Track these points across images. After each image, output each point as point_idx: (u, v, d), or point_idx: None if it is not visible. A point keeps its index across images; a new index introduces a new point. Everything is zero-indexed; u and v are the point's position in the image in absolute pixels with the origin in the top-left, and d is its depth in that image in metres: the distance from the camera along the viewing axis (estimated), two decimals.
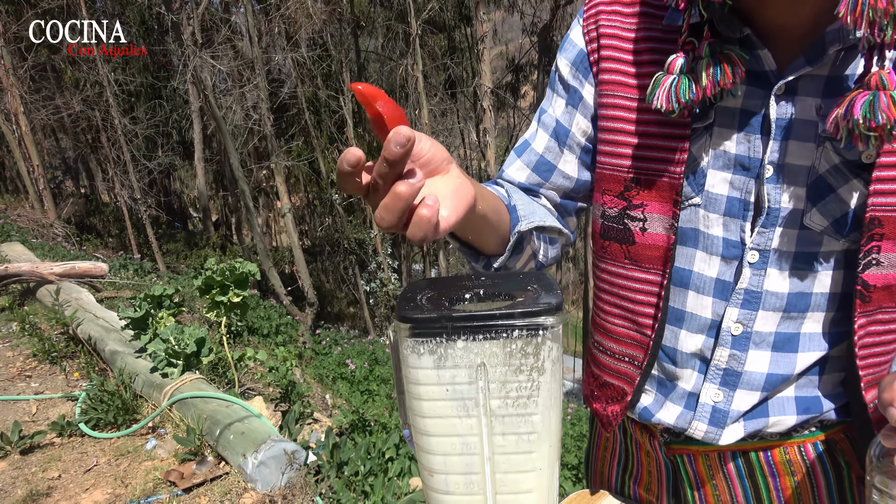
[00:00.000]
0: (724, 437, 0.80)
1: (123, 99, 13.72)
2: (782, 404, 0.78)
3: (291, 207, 12.41)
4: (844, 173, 0.68)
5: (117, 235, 15.39)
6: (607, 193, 0.82)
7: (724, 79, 0.67)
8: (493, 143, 12.16)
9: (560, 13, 11.96)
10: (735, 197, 0.74)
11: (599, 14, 0.81)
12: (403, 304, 0.50)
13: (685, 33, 0.70)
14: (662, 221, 0.77)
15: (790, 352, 0.76)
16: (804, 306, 0.74)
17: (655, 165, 0.77)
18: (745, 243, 0.74)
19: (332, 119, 15.13)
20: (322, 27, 13.17)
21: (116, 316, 4.40)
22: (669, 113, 0.71)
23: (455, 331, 0.46)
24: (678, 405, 0.83)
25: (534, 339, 0.46)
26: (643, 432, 0.92)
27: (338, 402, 6.61)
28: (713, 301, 0.78)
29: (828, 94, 0.68)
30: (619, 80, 0.79)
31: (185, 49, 10.60)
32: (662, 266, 0.79)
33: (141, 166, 13.81)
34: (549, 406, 0.48)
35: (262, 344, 6.89)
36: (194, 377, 3.30)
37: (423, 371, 0.48)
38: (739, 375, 0.78)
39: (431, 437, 0.49)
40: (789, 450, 0.81)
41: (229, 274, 3.59)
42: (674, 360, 0.82)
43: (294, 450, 2.65)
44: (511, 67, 16.08)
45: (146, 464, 2.88)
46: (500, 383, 0.47)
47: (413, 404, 0.49)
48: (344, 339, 10.71)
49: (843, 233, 0.70)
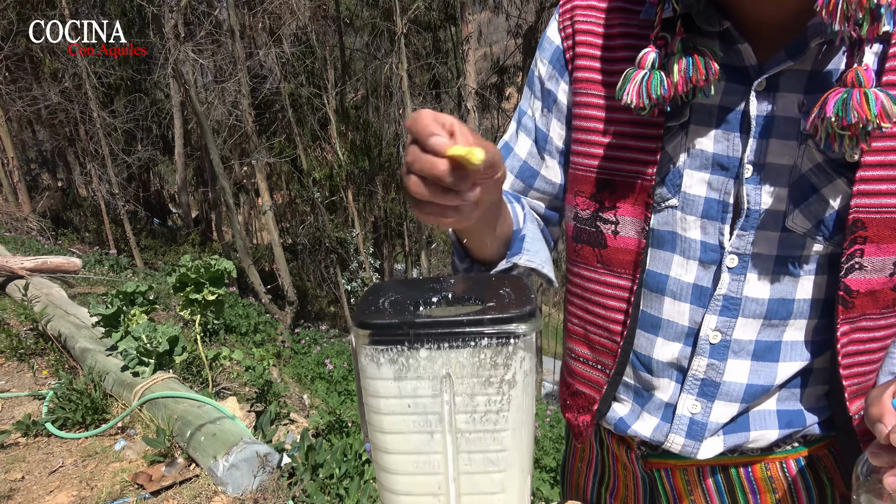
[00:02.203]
0: (702, 451, 0.76)
1: (103, 92, 13.49)
2: (764, 418, 0.75)
3: (272, 205, 12.28)
4: (828, 172, 0.65)
5: (95, 230, 15.12)
6: (580, 195, 0.79)
7: (697, 74, 0.64)
8: None
9: (545, 15, 11.97)
10: (713, 198, 0.71)
11: (575, 9, 0.78)
12: (363, 309, 0.46)
13: (657, 27, 0.67)
14: (634, 224, 0.74)
15: (771, 361, 0.73)
16: (786, 313, 0.71)
17: (628, 166, 0.73)
18: (724, 247, 0.71)
19: (316, 116, 15.01)
20: (307, 24, 13.06)
21: (88, 312, 4.30)
22: (639, 110, 0.68)
23: (418, 338, 0.42)
24: (655, 416, 0.79)
25: (504, 349, 0.42)
26: (620, 444, 0.88)
27: (316, 403, 6.53)
28: (690, 308, 0.74)
29: (810, 90, 0.65)
30: (593, 77, 0.75)
31: (166, 42, 10.43)
32: (633, 271, 0.76)
33: (120, 160, 13.58)
34: (520, 422, 0.44)
35: (240, 343, 6.79)
36: (166, 376, 3.22)
37: (383, 382, 0.43)
38: (718, 386, 0.74)
39: (391, 454, 0.45)
40: (771, 465, 0.77)
41: (204, 271, 3.51)
42: (649, 368, 0.78)
43: (267, 452, 2.59)
44: (496, 69, 16.08)
45: (114, 465, 2.80)
46: (468, 396, 0.43)
47: (372, 418, 0.45)
48: (324, 338, 10.61)
49: (826, 235, 0.67)
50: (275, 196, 16.70)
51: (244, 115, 10.88)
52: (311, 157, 14.78)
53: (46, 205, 14.57)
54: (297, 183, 15.71)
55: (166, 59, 10.50)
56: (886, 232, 0.64)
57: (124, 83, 14.72)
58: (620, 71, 0.72)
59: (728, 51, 0.68)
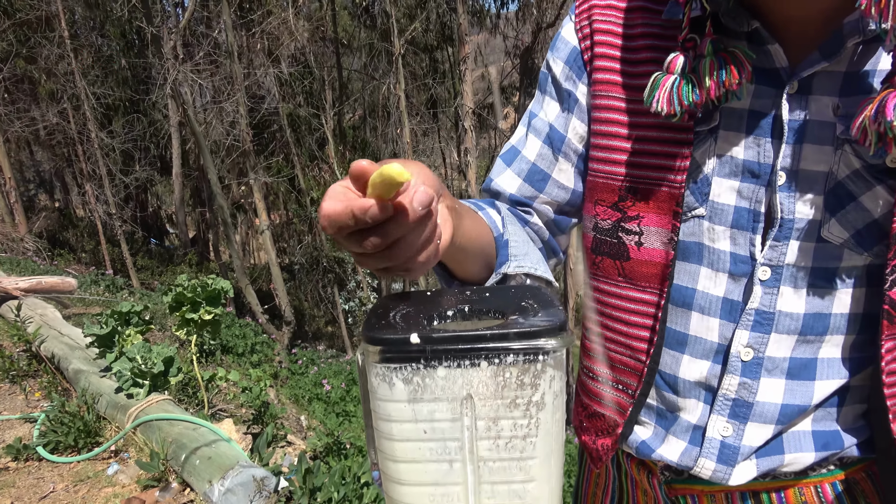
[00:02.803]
0: (734, 477, 0.71)
1: (101, 112, 13.51)
2: (798, 440, 0.70)
3: (270, 224, 12.25)
4: (867, 179, 0.61)
5: (91, 251, 15.06)
6: (600, 204, 0.74)
7: (730, 79, 0.61)
8: (474, 163, 12.14)
9: (542, 36, 12.06)
10: (743, 207, 0.67)
11: (593, 9, 0.74)
12: (373, 323, 0.41)
13: (686, 29, 0.63)
14: (661, 235, 0.70)
15: (807, 380, 0.68)
16: (822, 329, 0.66)
17: (653, 173, 0.69)
18: (756, 258, 0.67)
19: (314, 137, 15.05)
20: (305, 45, 13.15)
21: (82, 333, 4.24)
22: (670, 117, 0.64)
23: (435, 355, 0.38)
24: (682, 440, 0.74)
25: (532, 367, 0.38)
26: (640, 469, 0.83)
27: (313, 424, 6.43)
28: (720, 323, 0.70)
29: (846, 93, 0.61)
30: (614, 79, 0.72)
31: (165, 63, 10.47)
32: (660, 285, 0.71)
33: (117, 181, 13.57)
34: (549, 450, 0.39)
35: (237, 363, 6.71)
36: (161, 398, 3.15)
37: (396, 405, 0.39)
38: (751, 406, 0.70)
39: (405, 486, 0.40)
40: (805, 490, 0.72)
41: (201, 290, 3.46)
42: (675, 388, 0.74)
43: (263, 476, 2.51)
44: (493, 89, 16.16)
45: (106, 490, 2.72)
46: (491, 421, 0.38)
47: (383, 445, 0.40)
48: (321, 358, 10.51)
49: (865, 246, 0.63)
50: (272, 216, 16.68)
51: (242, 135, 10.89)
52: (308, 176, 14.79)
53: (43, 225, 14.53)
54: (294, 202, 15.70)
55: (165, 80, 10.53)
56: None
57: (122, 104, 14.76)
58: (643, 73, 0.68)
59: (757, 52, 0.64)
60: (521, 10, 13.46)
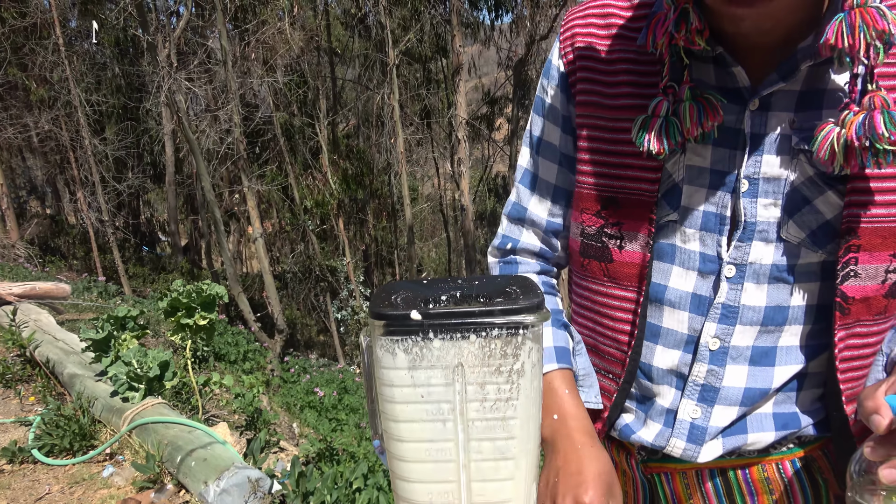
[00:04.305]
0: (702, 455, 0.78)
1: (94, 119, 13.53)
2: (760, 420, 0.77)
3: (263, 233, 12.27)
4: (819, 185, 0.69)
5: (83, 258, 15.02)
6: (585, 212, 0.82)
7: (707, 122, 0.69)
8: (467, 173, 12.23)
9: (535, 48, 12.20)
10: (711, 212, 0.74)
11: (575, 36, 0.82)
12: (378, 302, 0.48)
13: (666, 77, 0.71)
14: (638, 239, 0.77)
15: (767, 366, 0.75)
16: (781, 320, 0.74)
17: (630, 184, 0.77)
18: (722, 258, 0.74)
19: (307, 146, 15.11)
20: (299, 54, 13.23)
21: (77, 338, 4.26)
22: (659, 156, 0.71)
23: (432, 328, 0.44)
24: (657, 423, 0.81)
25: (514, 339, 0.44)
26: (620, 451, 0.90)
27: (305, 431, 6.45)
28: (689, 316, 0.77)
29: (801, 109, 0.69)
30: (596, 100, 0.79)
31: (159, 71, 10.52)
32: (639, 283, 0.78)
33: (110, 188, 13.56)
34: (528, 410, 0.46)
35: (229, 370, 6.73)
36: (156, 402, 3.19)
37: (397, 372, 0.45)
38: (717, 391, 0.76)
39: (405, 442, 0.47)
40: (767, 467, 0.79)
41: (196, 296, 3.50)
42: (650, 376, 0.81)
43: (258, 477, 2.56)
44: (486, 100, 16.30)
45: (102, 492, 2.75)
46: (478, 385, 0.45)
47: (386, 408, 0.47)
48: (313, 367, 10.52)
49: (820, 244, 0.70)
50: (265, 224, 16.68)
51: (236, 144, 10.93)
52: (302, 185, 14.83)
53: (34, 232, 14.48)
54: (287, 211, 15.73)
55: (159, 88, 10.57)
56: (878, 240, 0.67)
57: (116, 111, 14.77)
58: (622, 94, 0.76)
59: (723, 73, 0.72)
60: (515, 22, 13.61)
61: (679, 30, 0.67)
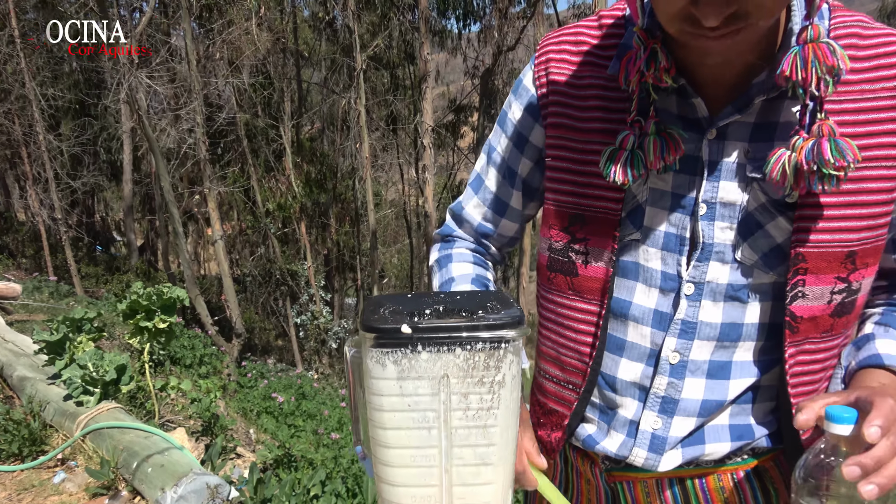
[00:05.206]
0: (662, 464, 0.82)
1: (50, 115, 13.12)
2: (717, 432, 0.82)
3: (223, 235, 12.07)
4: (771, 211, 0.74)
5: (32, 256, 14.51)
6: (553, 228, 0.86)
7: (669, 155, 0.74)
8: (431, 180, 12.26)
9: (502, 59, 12.34)
10: (672, 233, 0.79)
11: (549, 62, 0.86)
12: (369, 315, 0.50)
13: (634, 112, 0.76)
14: (602, 255, 0.82)
15: (723, 379, 0.80)
16: (736, 336, 0.79)
17: (597, 202, 0.81)
18: (682, 276, 0.79)
19: (271, 148, 14.94)
20: (265, 56, 13.10)
21: (28, 340, 4.14)
22: (624, 185, 0.76)
23: (420, 342, 0.47)
24: (621, 433, 0.85)
25: (496, 352, 0.48)
26: (584, 460, 0.94)
27: (262, 438, 6.36)
28: (652, 331, 0.81)
29: (754, 139, 0.75)
30: (566, 123, 0.84)
31: (120, 67, 10.27)
32: (601, 297, 0.83)
33: (63, 185, 13.16)
34: (507, 419, 0.49)
35: (185, 375, 6.59)
36: (112, 406, 3.12)
37: (386, 382, 0.48)
38: (677, 402, 0.81)
39: (391, 448, 0.49)
40: (723, 477, 0.84)
41: (156, 299, 3.44)
42: (614, 388, 0.85)
43: (217, 483, 2.53)
44: (452, 108, 16.40)
45: (52, 499, 2.68)
46: (462, 395, 0.48)
47: (373, 415, 0.49)
48: (271, 372, 10.37)
49: (771, 266, 0.75)
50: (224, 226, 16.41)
51: (198, 144, 10.75)
52: (264, 187, 14.65)
53: None
54: (249, 214, 15.51)
55: (119, 84, 10.33)
56: (823, 264, 0.73)
57: (73, 106, 14.36)
58: (592, 118, 0.81)
59: (684, 104, 0.77)
60: (483, 31, 13.74)
61: (649, 68, 0.72)
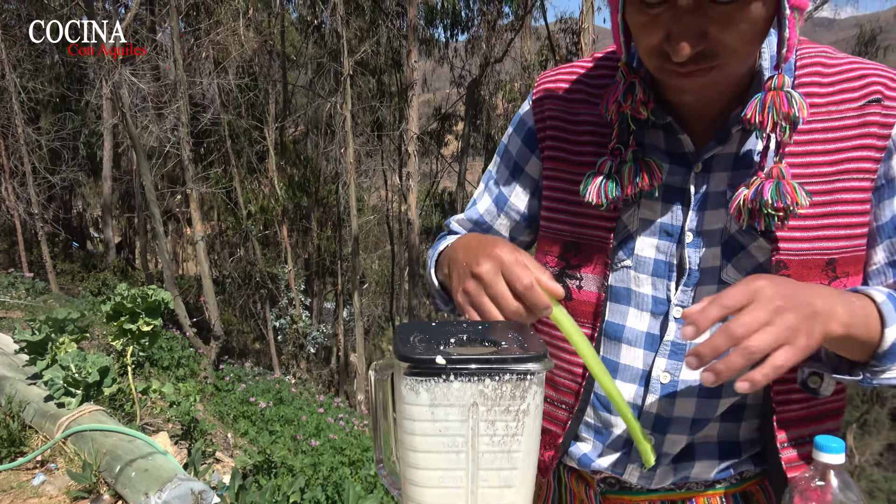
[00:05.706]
0: (655, 481, 0.87)
1: (30, 107, 12.93)
2: (706, 450, 0.87)
3: (204, 235, 11.98)
4: (752, 233, 0.80)
5: (6, 251, 14.27)
6: (549, 254, 0.92)
7: (643, 183, 0.80)
8: (415, 187, 12.32)
9: (489, 70, 12.45)
10: (661, 260, 0.85)
11: (546, 99, 0.93)
12: (402, 344, 0.54)
13: (615, 139, 0.82)
14: (595, 280, 0.87)
15: (713, 397, 0.85)
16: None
17: (590, 231, 0.88)
18: (671, 300, 0.84)
19: (254, 149, 14.89)
20: (252, 57, 13.06)
21: (6, 338, 4.09)
22: (598, 206, 0.83)
23: (453, 372, 0.51)
24: (615, 451, 0.90)
25: (522, 383, 0.52)
26: (579, 482, 0.97)
27: (240, 442, 6.32)
28: (644, 353, 0.87)
29: (736, 168, 0.81)
30: (562, 156, 0.90)
31: (104, 64, 10.18)
32: (594, 320, 0.88)
33: (41, 179, 12.96)
34: (530, 445, 0.53)
35: (163, 377, 6.54)
36: (94, 408, 3.10)
37: (419, 408, 0.52)
38: (669, 421, 0.86)
39: (420, 470, 0.53)
40: (712, 500, 0.89)
41: (141, 301, 3.43)
42: (608, 408, 0.89)
43: (202, 490, 2.53)
44: (438, 116, 16.48)
45: (32, 501, 2.66)
46: (489, 422, 0.52)
47: (405, 438, 0.53)
48: (248, 375, 10.31)
49: None
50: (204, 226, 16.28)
51: (182, 143, 10.68)
52: (247, 189, 14.58)
53: None
54: (230, 215, 15.41)
55: (103, 81, 10.24)
56: (804, 271, 0.79)
57: (53, 100, 14.18)
58: (585, 152, 0.87)
59: (671, 140, 0.84)
60: (470, 41, 13.87)
61: (626, 100, 0.79)
